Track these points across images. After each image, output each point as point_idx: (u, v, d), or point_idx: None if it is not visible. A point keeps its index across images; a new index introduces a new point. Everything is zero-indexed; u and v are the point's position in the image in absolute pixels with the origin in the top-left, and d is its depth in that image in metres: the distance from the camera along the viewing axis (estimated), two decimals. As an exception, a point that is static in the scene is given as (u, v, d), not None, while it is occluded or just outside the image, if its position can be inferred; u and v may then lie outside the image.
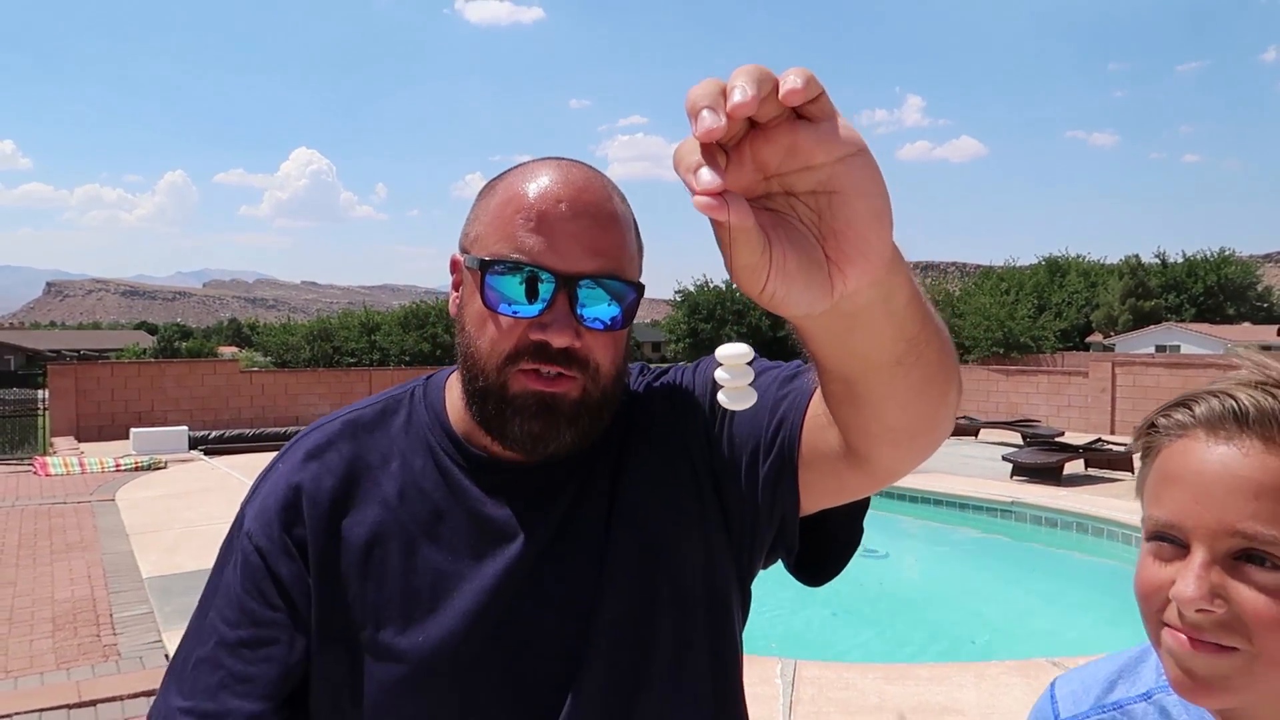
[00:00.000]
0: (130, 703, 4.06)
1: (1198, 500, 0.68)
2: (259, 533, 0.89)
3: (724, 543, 0.91)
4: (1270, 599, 0.65)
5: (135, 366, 17.26)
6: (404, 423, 0.94)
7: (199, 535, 7.51)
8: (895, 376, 0.66)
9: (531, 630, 0.85)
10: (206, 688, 0.85)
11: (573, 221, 0.80)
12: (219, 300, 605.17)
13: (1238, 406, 0.68)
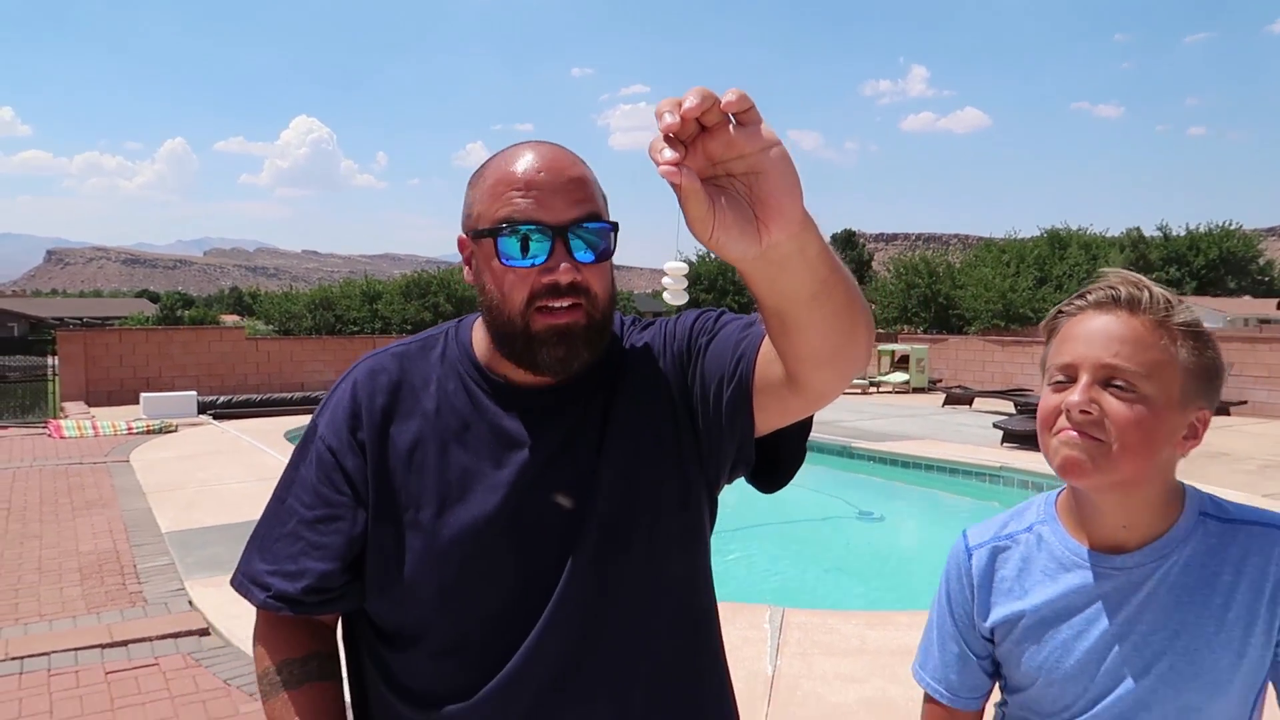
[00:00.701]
0: (159, 643, 4.33)
1: (1086, 346, 1.03)
2: (330, 436, 1.13)
3: (695, 459, 1.13)
4: (1125, 405, 1.00)
5: (143, 333, 17.50)
6: (440, 355, 1.17)
7: (213, 494, 7.79)
8: (812, 309, 0.88)
9: (537, 519, 1.08)
10: (289, 554, 1.10)
11: (552, 184, 1.03)
12: (220, 269, 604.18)
13: (1115, 293, 1.04)
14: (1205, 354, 1.04)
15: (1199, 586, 1.03)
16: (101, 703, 3.69)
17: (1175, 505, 1.07)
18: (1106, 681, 1.05)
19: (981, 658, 1.16)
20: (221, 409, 14.32)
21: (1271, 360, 14.46)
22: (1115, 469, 1.00)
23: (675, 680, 1.12)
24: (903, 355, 19.38)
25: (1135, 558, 1.05)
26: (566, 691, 1.06)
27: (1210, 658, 1.02)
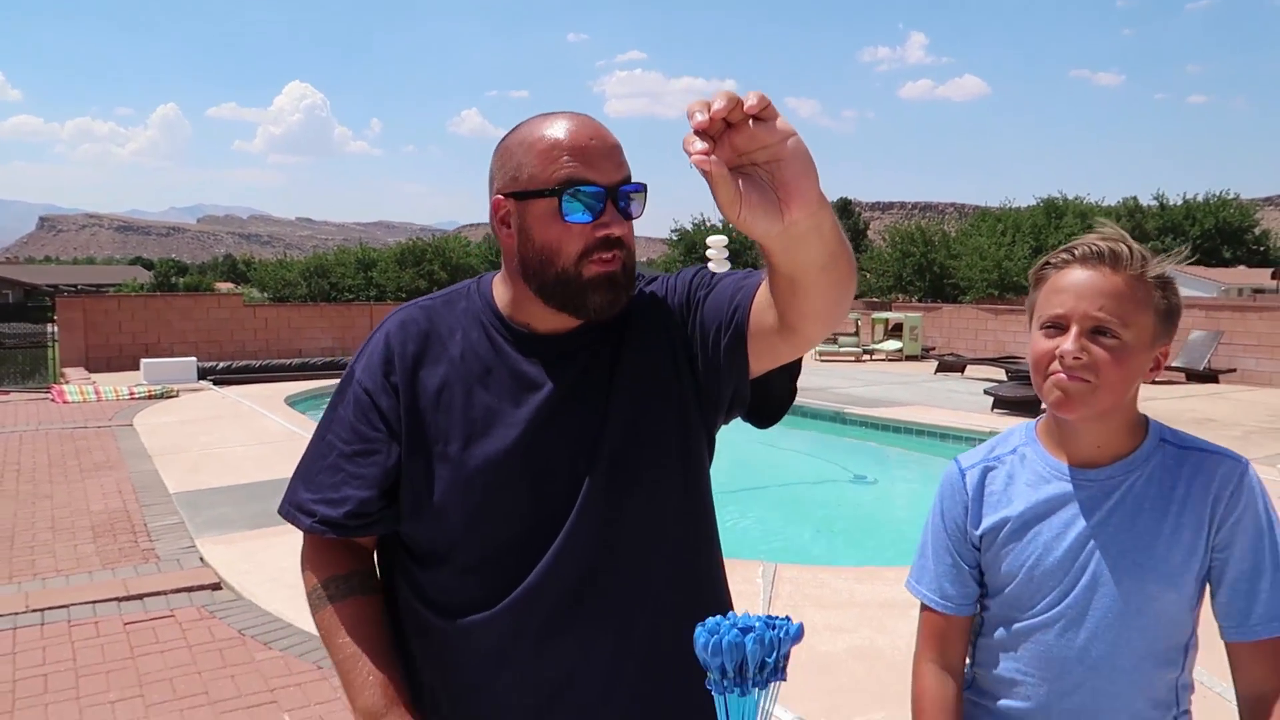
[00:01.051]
0: (174, 597, 4.49)
1: (1076, 299, 1.18)
2: (366, 379, 1.25)
3: (695, 400, 1.26)
4: (1109, 352, 1.16)
5: (141, 300, 17.56)
6: (464, 307, 1.29)
7: (217, 457, 7.93)
8: (822, 276, 1.02)
9: (551, 453, 1.20)
10: (331, 484, 1.23)
11: (600, 149, 1.15)
12: (213, 236, 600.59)
13: (1099, 249, 1.18)
14: (1171, 300, 1.21)
15: (1158, 497, 1.21)
16: (122, 651, 3.85)
17: (1140, 430, 1.25)
18: (1081, 573, 1.21)
19: (971, 567, 1.31)
20: (221, 375, 14.44)
21: (1261, 329, 14.62)
22: (1100, 404, 1.18)
23: (678, 599, 1.25)
24: (896, 323, 19.51)
25: (1106, 471, 1.23)
26: (579, 606, 1.19)
27: (1166, 555, 1.19)
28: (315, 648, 3.88)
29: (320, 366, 15.65)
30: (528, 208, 1.17)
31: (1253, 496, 1.19)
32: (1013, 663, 1.28)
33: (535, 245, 1.17)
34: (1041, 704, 1.25)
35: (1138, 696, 1.22)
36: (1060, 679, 1.24)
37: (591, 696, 1.20)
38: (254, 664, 3.73)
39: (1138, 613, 1.20)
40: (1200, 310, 15.83)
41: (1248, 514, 1.19)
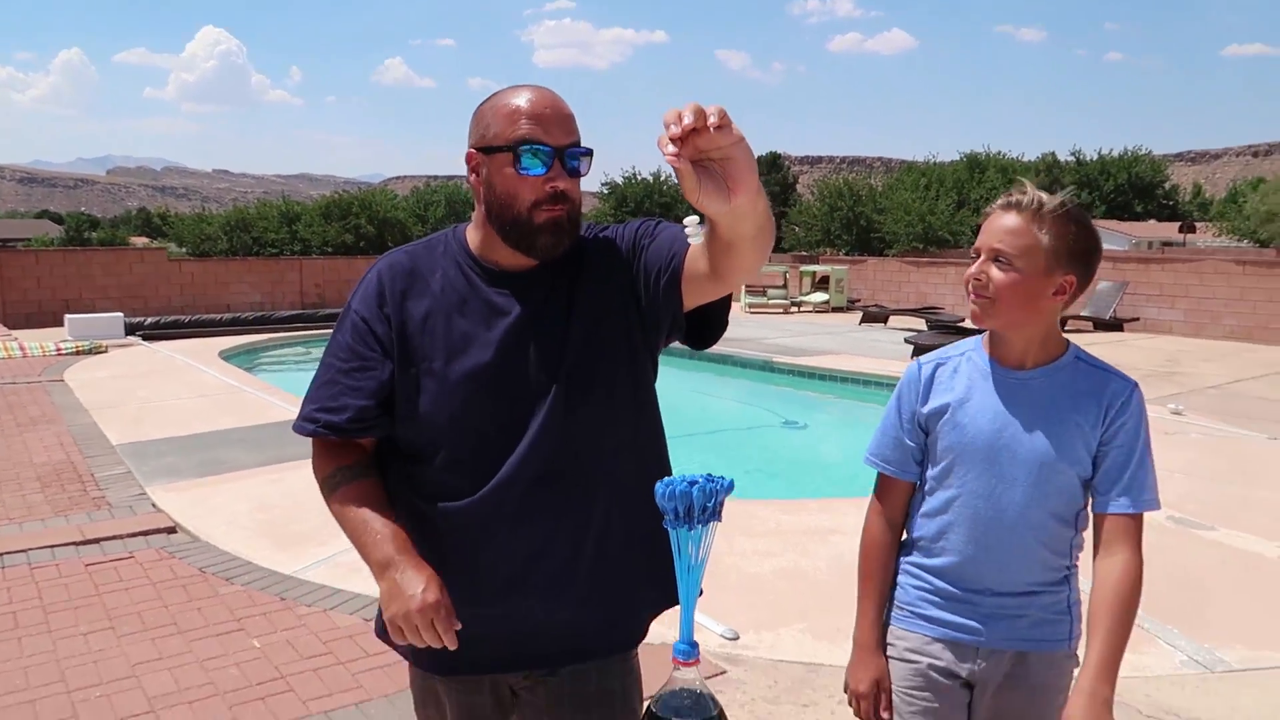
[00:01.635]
0: (130, 540, 4.63)
1: (987, 236, 1.54)
2: (362, 309, 1.50)
3: (639, 325, 1.52)
4: (1002, 274, 1.51)
5: (60, 254, 17.04)
6: (442, 250, 1.55)
7: (158, 410, 7.96)
8: (752, 242, 1.30)
9: (519, 366, 1.46)
10: (331, 395, 1.48)
11: (553, 117, 1.41)
12: (125, 189, 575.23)
13: (1009, 199, 1.55)
14: (1066, 237, 1.51)
15: (1067, 396, 1.57)
16: (86, 589, 4.01)
17: (1060, 346, 1.60)
18: (1004, 450, 1.57)
19: (914, 444, 1.67)
20: (150, 330, 14.21)
21: (1163, 280, 15.48)
22: (999, 315, 1.54)
23: (632, 485, 1.52)
24: (823, 276, 20.05)
25: (1031, 372, 1.58)
26: (547, 491, 1.46)
27: (1069, 440, 1.55)
28: (277, 582, 4.10)
29: (252, 321, 15.47)
30: (492, 161, 1.43)
31: (1136, 410, 1.56)
32: (944, 524, 1.63)
33: (497, 192, 1.43)
34: (969, 558, 1.60)
35: (1042, 549, 1.59)
36: (984, 536, 1.59)
37: (558, 566, 1.47)
38: (218, 598, 3.93)
39: (1046, 483, 1.56)
40: (1107, 262, 16.63)
41: (1130, 421, 1.55)
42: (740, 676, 3.20)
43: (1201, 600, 3.92)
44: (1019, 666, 1.61)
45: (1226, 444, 6.91)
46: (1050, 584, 1.61)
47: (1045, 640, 1.61)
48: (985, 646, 1.61)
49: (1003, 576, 1.60)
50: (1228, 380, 10.01)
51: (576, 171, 1.43)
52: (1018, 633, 1.61)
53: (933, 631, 1.65)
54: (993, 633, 1.61)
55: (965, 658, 1.63)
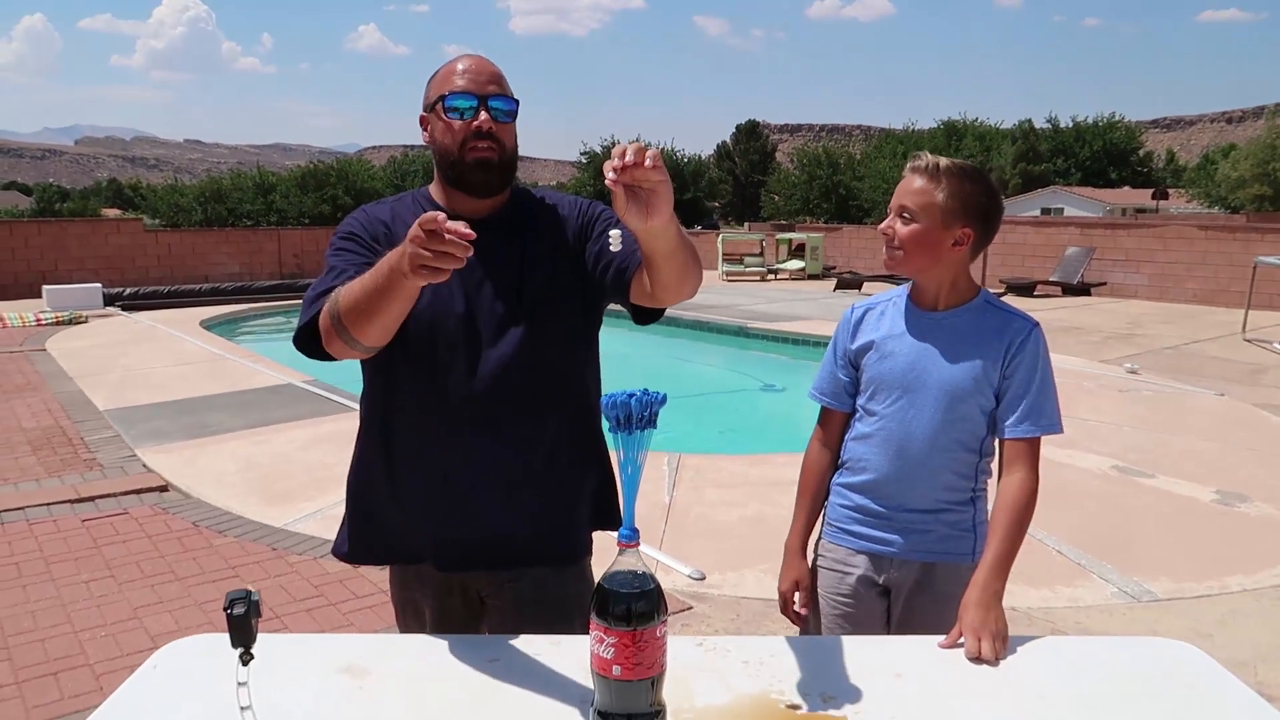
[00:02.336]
0: (124, 498, 4.83)
1: (897, 195, 1.76)
2: (350, 230, 1.72)
3: (580, 284, 1.74)
4: (905, 227, 1.74)
5: (35, 225, 16.97)
6: (410, 203, 1.78)
7: (142, 378, 8.10)
8: (667, 260, 1.51)
9: (484, 300, 1.69)
10: (330, 280, 1.63)
11: (479, 74, 1.65)
12: (94, 159, 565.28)
13: (923, 164, 1.74)
14: (960, 194, 1.72)
15: (974, 334, 1.78)
16: (85, 542, 4.21)
17: (971, 291, 1.81)
18: (917, 380, 1.79)
19: (846, 378, 1.91)
20: (129, 300, 14.25)
21: (1129, 245, 15.82)
22: (906, 262, 1.76)
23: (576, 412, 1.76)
24: (799, 244, 20.28)
25: (944, 313, 1.80)
26: (505, 407, 1.68)
27: (976, 374, 1.76)
28: (268, 534, 4.31)
29: (231, 291, 15.53)
30: (433, 117, 1.68)
31: (1034, 345, 1.77)
32: (866, 446, 1.87)
33: (437, 142, 1.68)
34: (885, 476, 1.83)
35: (948, 471, 1.81)
36: (898, 457, 1.82)
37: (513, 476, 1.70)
38: (212, 549, 4.14)
39: (951, 409, 1.78)
40: (1076, 228, 16.97)
41: (1028, 356, 1.76)
42: (705, 611, 3.46)
43: (1135, 540, 4.21)
44: (927, 575, 1.83)
45: (1175, 399, 7.22)
46: (956, 503, 1.82)
47: (950, 553, 1.82)
48: (898, 558, 1.84)
49: (913, 494, 1.82)
50: (1184, 341, 10.35)
51: (502, 114, 1.66)
52: (926, 545, 1.83)
53: (855, 545, 1.89)
54: (905, 545, 1.83)
55: (882, 568, 1.87)
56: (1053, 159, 56.78)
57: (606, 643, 1.23)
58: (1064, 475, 5.12)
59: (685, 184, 45.36)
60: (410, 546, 1.77)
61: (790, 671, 1.50)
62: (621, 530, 1.28)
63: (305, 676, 1.47)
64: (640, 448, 1.28)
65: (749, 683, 1.46)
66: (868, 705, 1.39)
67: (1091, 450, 5.64)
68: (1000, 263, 17.37)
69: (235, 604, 1.10)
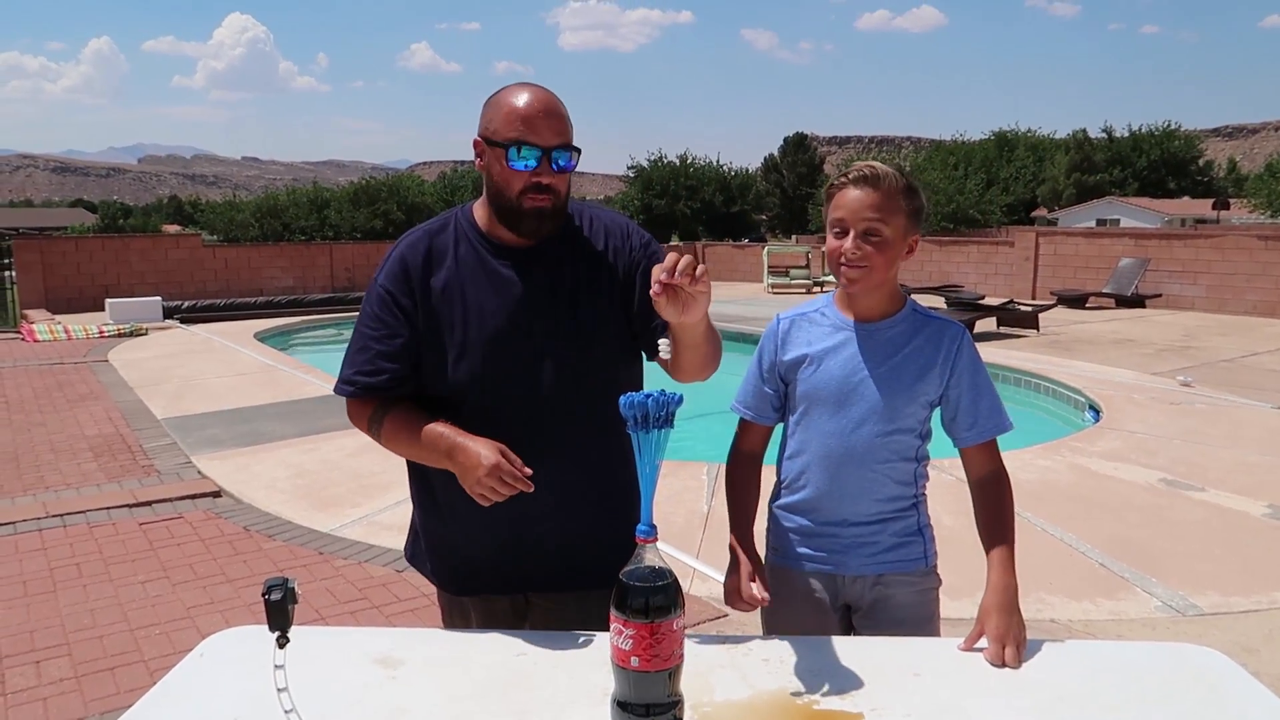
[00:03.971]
0: (179, 503, 4.99)
1: (851, 212, 1.66)
2: (389, 284, 1.73)
3: (623, 313, 1.77)
4: (875, 248, 1.65)
5: (99, 241, 17.57)
6: (454, 230, 1.78)
7: (199, 387, 8.34)
8: (692, 350, 1.59)
9: (525, 330, 1.71)
10: (365, 360, 1.71)
11: (547, 120, 1.65)
12: (156, 177, 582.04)
13: (865, 173, 1.66)
14: (914, 203, 1.69)
15: (907, 344, 1.74)
16: (141, 545, 4.36)
17: (900, 299, 1.77)
18: (854, 393, 1.75)
19: (773, 391, 1.85)
20: (187, 313, 14.67)
21: (1185, 256, 15.47)
22: (873, 280, 1.69)
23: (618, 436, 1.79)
24: (846, 256, 20.15)
25: (878, 324, 1.75)
26: (557, 435, 1.73)
27: (911, 383, 1.74)
28: (315, 538, 4.43)
29: (284, 305, 15.91)
30: (492, 151, 1.68)
31: (970, 352, 1.75)
32: (803, 463, 1.81)
33: (494, 179, 1.69)
34: (824, 492, 1.78)
35: (888, 481, 1.76)
36: (837, 471, 1.75)
37: (568, 501, 1.74)
38: (262, 552, 4.26)
39: (889, 421, 1.74)
40: (1130, 239, 16.64)
41: (966, 363, 1.74)
42: (741, 619, 3.47)
43: (1182, 553, 4.14)
44: (882, 588, 1.79)
45: (1229, 412, 7.06)
46: (899, 510, 1.78)
47: (901, 561, 1.79)
48: (849, 574, 1.79)
49: (855, 508, 1.77)
50: (1241, 354, 10.10)
51: (563, 168, 1.67)
52: (876, 558, 1.79)
53: (804, 567, 1.83)
54: (853, 560, 1.79)
55: (835, 587, 1.81)
56: (1108, 169, 55.65)
57: (625, 635, 1.28)
58: (1108, 487, 5.04)
59: (732, 197, 45.34)
60: (472, 573, 1.82)
61: (809, 669, 1.53)
62: (640, 527, 1.32)
63: (341, 665, 1.54)
64: (657, 446, 1.32)
65: (768, 679, 1.49)
66: (885, 703, 1.41)
67: (1139, 463, 5.54)
68: (1051, 274, 17.10)
69: (273, 590, 1.17)
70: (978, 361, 1.76)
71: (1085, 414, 7.52)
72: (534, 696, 1.43)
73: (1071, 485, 5.03)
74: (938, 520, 2.04)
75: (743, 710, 1.39)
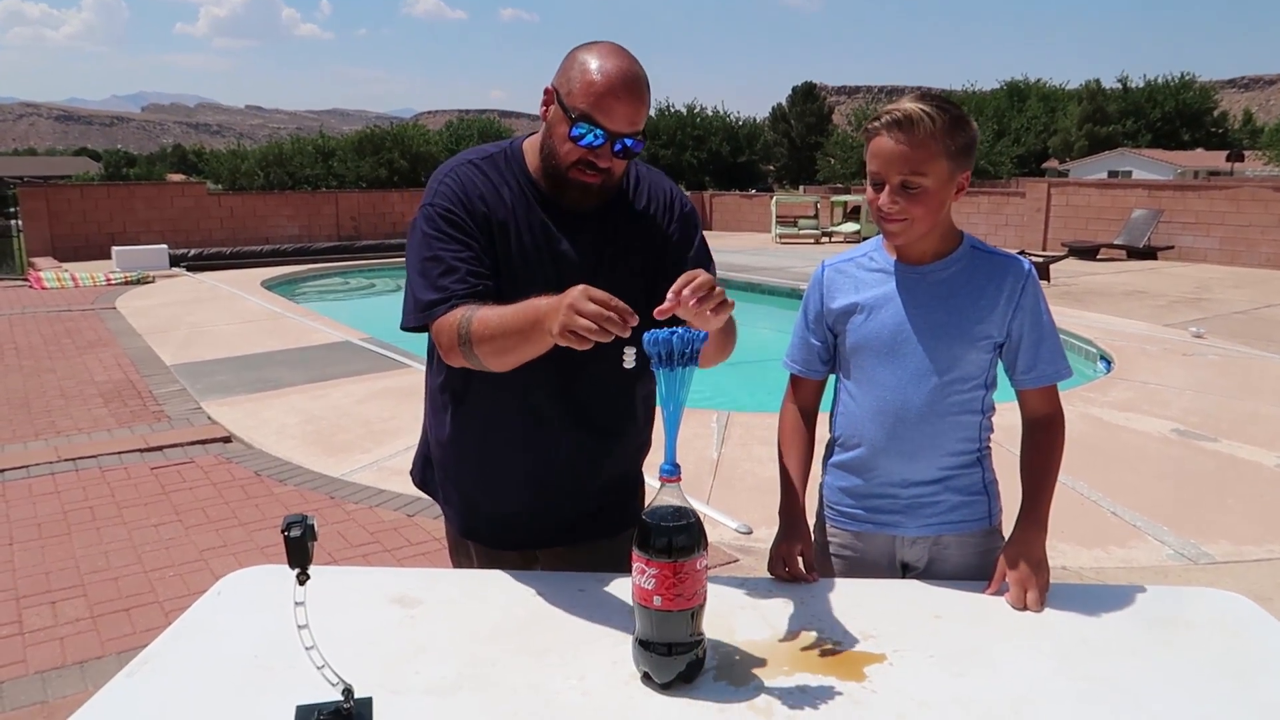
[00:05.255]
0: (190, 448, 5.00)
1: (884, 164, 1.53)
2: (448, 204, 1.60)
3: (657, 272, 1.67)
4: (914, 199, 1.52)
5: (105, 189, 17.47)
6: (505, 168, 1.68)
7: (207, 334, 8.34)
8: (716, 345, 1.49)
9: (567, 273, 1.61)
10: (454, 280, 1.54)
11: (622, 102, 1.53)
12: (160, 125, 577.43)
13: (897, 117, 1.51)
14: (959, 140, 1.52)
15: (967, 285, 1.64)
16: (154, 489, 4.37)
17: (955, 238, 1.64)
18: (909, 341, 1.65)
19: (820, 343, 1.76)
20: (194, 261, 14.64)
21: (1199, 207, 15.28)
22: (917, 231, 1.57)
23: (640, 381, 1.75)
24: (855, 206, 19.97)
25: (930, 267, 1.63)
26: (587, 398, 1.69)
27: (971, 327, 1.63)
28: (326, 483, 4.44)
29: (291, 253, 15.86)
30: (559, 111, 1.57)
31: (1035, 290, 1.65)
32: (857, 419, 1.70)
33: (552, 136, 1.59)
34: (881, 450, 1.68)
35: (950, 436, 1.65)
36: (894, 427, 1.65)
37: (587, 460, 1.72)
38: (273, 496, 4.28)
39: (949, 370, 1.64)
40: (1143, 190, 16.43)
41: (1031, 301, 1.64)
42: (751, 564, 3.49)
43: (1194, 502, 4.13)
44: (942, 549, 1.70)
45: (1242, 363, 7.01)
46: (963, 467, 1.68)
47: (964, 522, 1.69)
48: (909, 535, 1.71)
49: (915, 466, 1.67)
50: (1255, 306, 10.01)
51: (624, 155, 1.58)
52: (937, 518, 1.69)
53: (858, 527, 1.74)
54: (913, 521, 1.69)
55: (892, 549, 1.73)
56: (1121, 120, 54.82)
57: (648, 574, 1.26)
58: (1121, 438, 5.02)
59: (740, 147, 44.82)
60: (487, 523, 1.79)
61: (830, 611, 1.52)
62: (663, 465, 1.30)
63: (359, 605, 1.53)
64: (682, 385, 1.29)
65: (790, 622, 1.48)
66: (906, 644, 1.40)
67: (1151, 414, 5.51)
68: (1063, 225, 16.93)
69: (292, 527, 1.15)
70: (1042, 303, 1.65)
71: (1097, 365, 7.49)
72: (554, 636, 1.42)
73: (1083, 435, 5.01)
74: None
75: (764, 650, 1.38)
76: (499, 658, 1.35)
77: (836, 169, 41.94)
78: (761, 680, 1.29)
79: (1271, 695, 1.27)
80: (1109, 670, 1.33)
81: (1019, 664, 1.35)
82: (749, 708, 1.22)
